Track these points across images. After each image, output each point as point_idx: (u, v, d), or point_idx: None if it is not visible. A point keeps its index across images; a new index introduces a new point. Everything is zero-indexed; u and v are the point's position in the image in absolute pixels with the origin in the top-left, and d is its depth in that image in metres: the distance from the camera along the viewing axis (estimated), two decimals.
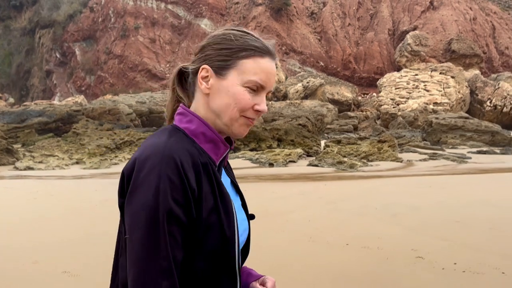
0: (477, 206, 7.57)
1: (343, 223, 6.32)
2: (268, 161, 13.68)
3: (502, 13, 53.65)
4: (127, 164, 1.09)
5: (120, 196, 1.09)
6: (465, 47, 40.21)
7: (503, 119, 25.08)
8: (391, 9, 51.21)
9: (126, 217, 1.05)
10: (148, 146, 1.09)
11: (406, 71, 30.07)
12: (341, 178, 11.56)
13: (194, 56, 1.21)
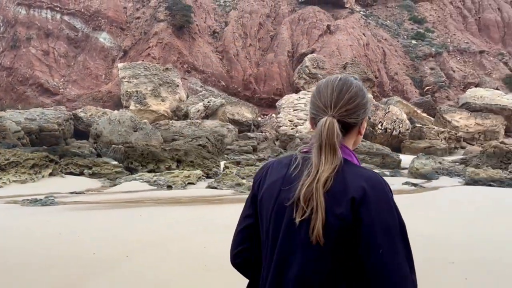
0: None
1: None
2: (166, 183, 13.51)
3: (392, 40, 57.37)
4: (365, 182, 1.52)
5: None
6: (359, 71, 42.40)
7: (393, 142, 26.62)
8: (291, 32, 52.94)
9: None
10: (372, 174, 1.57)
11: (304, 93, 31.10)
12: (239, 201, 11.64)
13: (345, 110, 1.60)
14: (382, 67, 50.23)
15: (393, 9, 67.58)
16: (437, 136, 27.06)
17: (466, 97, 34.02)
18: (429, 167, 17.77)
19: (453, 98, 46.91)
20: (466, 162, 20.23)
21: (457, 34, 63.53)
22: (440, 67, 53.96)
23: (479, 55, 59.30)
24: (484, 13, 69.76)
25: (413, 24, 64.35)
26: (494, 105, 32.07)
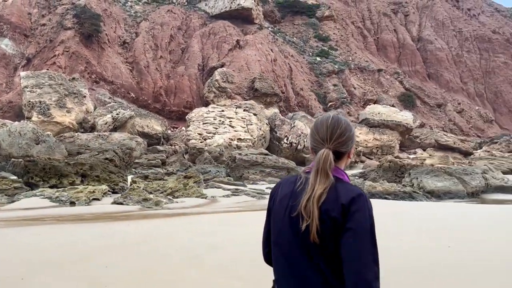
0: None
1: (144, 269, 6.21)
2: (69, 200, 12.96)
3: (298, 56, 59.08)
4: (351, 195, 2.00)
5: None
6: (267, 86, 43.24)
7: (298, 156, 27.28)
8: (201, 45, 53.00)
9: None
10: (356, 188, 2.05)
11: (214, 106, 31.21)
12: (146, 217, 11.42)
13: (340, 142, 2.08)
14: (289, 83, 51.51)
15: (299, 27, 69.60)
16: None
17: (366, 113, 35.67)
18: None
19: (354, 113, 49.01)
20: (365, 176, 21.12)
21: (358, 53, 66.58)
22: (342, 83, 56.25)
23: (377, 73, 62.54)
24: (382, 34, 73.74)
25: (318, 42, 66.61)
26: (390, 121, 33.85)
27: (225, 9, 59.43)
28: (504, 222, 11.25)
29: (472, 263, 6.38)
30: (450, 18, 79.28)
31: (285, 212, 2.09)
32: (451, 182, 17.68)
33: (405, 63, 70.78)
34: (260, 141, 27.27)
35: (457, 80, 71.13)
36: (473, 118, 63.85)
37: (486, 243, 8.07)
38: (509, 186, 18.91)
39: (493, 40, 77.14)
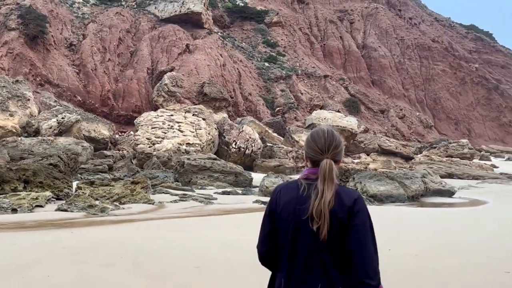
0: (216, 249, 8.04)
1: (86, 278, 6.10)
2: (11, 206, 12.53)
3: (247, 61, 59.31)
4: (353, 196, 2.43)
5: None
6: (216, 91, 43.18)
7: (246, 161, 27.37)
8: (151, 49, 52.37)
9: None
10: (353, 191, 2.51)
11: (163, 111, 30.90)
12: (91, 224, 11.19)
13: (336, 153, 2.47)
14: (237, 88, 51.62)
15: (248, 32, 69.90)
16: (286, 155, 28.36)
17: (312, 119, 36.20)
18: None
19: (300, 119, 49.64)
20: None
21: (305, 59, 67.49)
22: (290, 89, 56.86)
23: (323, 79, 63.59)
24: (328, 41, 75.07)
25: (267, 48, 67.08)
26: (335, 126, 34.44)
27: (174, 13, 58.95)
28: (441, 224, 11.69)
29: (409, 264, 6.60)
30: (393, 26, 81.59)
31: (294, 214, 2.43)
32: (393, 186, 18.12)
33: (350, 70, 72.31)
34: (209, 145, 27.21)
35: (399, 86, 73.28)
36: (414, 123, 65.92)
37: (423, 245, 8.37)
38: (446, 190, 19.59)
39: (432, 48, 79.94)
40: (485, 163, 37.73)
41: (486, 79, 79.87)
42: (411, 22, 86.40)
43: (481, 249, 8.53)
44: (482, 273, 6.80)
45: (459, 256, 7.89)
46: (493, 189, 22.88)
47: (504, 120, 75.76)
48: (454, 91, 76.45)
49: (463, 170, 29.69)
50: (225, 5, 72.49)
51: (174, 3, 59.35)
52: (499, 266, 7.18)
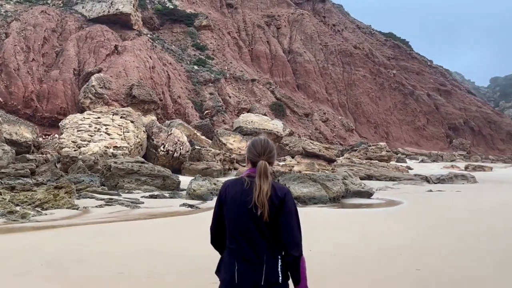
0: (140, 254, 7.94)
1: (3, 286, 5.88)
2: None
3: (176, 64, 58.73)
4: (283, 190, 3.14)
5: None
6: (144, 93, 42.45)
7: (174, 164, 27.10)
8: (78, 49, 50.68)
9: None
10: (283, 186, 3.20)
11: (89, 113, 29.95)
12: (11, 231, 10.70)
13: (270, 156, 3.15)
14: (167, 90, 51.00)
15: (178, 35, 69.28)
16: (214, 158, 28.31)
17: (239, 122, 36.42)
18: (205, 188, 18.36)
19: (228, 122, 49.79)
20: None
21: (233, 63, 67.76)
22: (218, 92, 56.89)
23: (251, 83, 64.14)
24: (256, 45, 75.77)
25: (196, 51, 66.78)
26: (262, 129, 34.89)
27: (103, 13, 57.38)
28: (359, 224, 12.12)
29: (328, 263, 6.82)
30: (317, 32, 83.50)
31: (240, 204, 3.06)
32: (316, 188, 18.50)
33: (277, 74, 73.34)
34: (137, 149, 26.69)
35: (323, 91, 75.15)
36: (337, 127, 67.83)
37: (342, 245, 8.68)
38: (365, 191, 20.20)
39: (354, 54, 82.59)
40: (401, 165, 39.39)
41: (403, 85, 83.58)
42: (335, 29, 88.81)
43: (395, 247, 8.93)
44: (395, 271, 7.15)
45: (374, 254, 8.25)
46: (408, 189, 23.73)
47: (418, 124, 79.59)
48: (373, 96, 79.40)
49: (381, 172, 30.81)
50: (154, 7, 71.45)
51: (103, 3, 57.78)
52: (411, 263, 7.58)
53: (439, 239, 9.83)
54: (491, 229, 11.38)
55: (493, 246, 9.08)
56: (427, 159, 57.36)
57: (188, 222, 12.64)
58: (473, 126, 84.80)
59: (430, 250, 8.74)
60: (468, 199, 19.14)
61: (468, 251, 8.63)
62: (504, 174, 37.95)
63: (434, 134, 79.36)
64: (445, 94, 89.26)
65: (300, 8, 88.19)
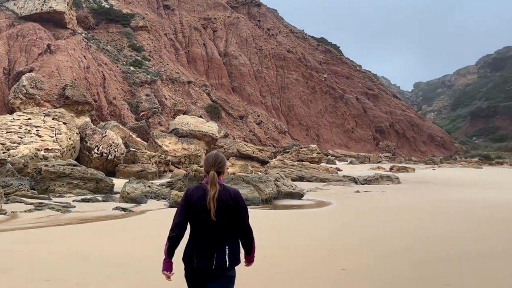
0: (69, 260, 7.67)
1: None
2: None
3: (112, 65, 57.27)
4: (234, 192, 3.92)
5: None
6: (78, 94, 41.09)
7: (108, 166, 26.42)
8: (8, 47, 48.37)
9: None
10: (234, 189, 3.95)
11: (19, 114, 28.62)
12: None
13: (220, 166, 3.86)
14: (102, 91, 49.62)
15: (114, 35, 67.63)
16: (149, 160, 27.84)
17: (175, 124, 36.00)
18: (139, 191, 18.02)
19: (164, 124, 49.17)
20: (172, 185, 21.23)
21: (170, 64, 67.01)
22: (155, 94, 56.04)
23: (187, 85, 63.68)
24: (192, 47, 75.29)
25: (132, 51, 65.51)
26: (197, 131, 34.68)
27: (35, 11, 54.98)
28: (289, 225, 12.32)
29: (258, 266, 6.86)
30: (252, 36, 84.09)
31: (201, 206, 3.75)
32: (249, 190, 18.59)
33: (213, 76, 73.21)
34: (70, 151, 25.78)
35: (257, 94, 75.78)
36: (270, 129, 68.59)
37: (272, 247, 8.79)
38: (296, 192, 20.51)
39: (287, 58, 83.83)
40: (331, 166, 40.31)
41: (333, 88, 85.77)
42: (269, 33, 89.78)
43: (324, 247, 9.15)
44: (322, 271, 7.35)
45: (304, 256, 8.41)
46: (337, 190, 24.29)
47: (347, 127, 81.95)
48: (305, 99, 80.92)
49: (312, 174, 31.40)
50: (90, 6, 69.36)
51: (35, 1, 55.40)
52: (337, 263, 7.81)
53: (365, 239, 10.14)
54: (414, 228, 11.89)
55: (416, 246, 9.48)
56: (356, 160, 59.07)
57: (121, 226, 12.40)
58: (398, 129, 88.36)
59: (356, 250, 9.00)
60: (392, 199, 19.89)
61: (392, 250, 8.96)
62: (424, 174, 39.75)
63: (362, 136, 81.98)
64: (373, 98, 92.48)
65: (236, 12, 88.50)
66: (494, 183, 30.64)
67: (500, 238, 10.57)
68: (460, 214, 14.65)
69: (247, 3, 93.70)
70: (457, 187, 27.24)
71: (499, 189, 26.27)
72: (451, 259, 8.24)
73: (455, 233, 11.08)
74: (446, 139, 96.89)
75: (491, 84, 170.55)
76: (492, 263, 8.05)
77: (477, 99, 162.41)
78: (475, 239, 10.28)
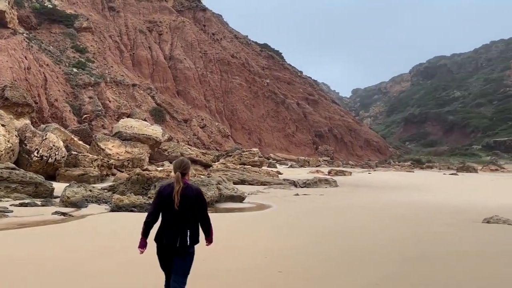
0: (3, 268, 7.32)
1: None
2: None
3: (54, 66, 55.42)
4: (196, 189, 5.00)
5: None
6: (18, 95, 39.29)
7: (48, 170, 25.58)
8: None
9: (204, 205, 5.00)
10: (196, 187, 5.03)
11: None
12: None
13: (184, 169, 4.89)
14: (43, 93, 47.93)
15: (56, 36, 65.56)
16: (91, 164, 27.13)
17: (119, 127, 35.27)
18: (80, 195, 17.53)
19: (108, 126, 48.08)
20: (114, 189, 20.74)
21: (114, 67, 65.69)
22: (98, 96, 54.73)
23: (132, 87, 62.59)
24: (137, 50, 74.15)
25: (75, 53, 63.74)
26: (141, 134, 34.13)
27: None
28: (230, 228, 12.38)
29: (198, 268, 6.87)
30: (197, 40, 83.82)
31: (170, 199, 4.71)
32: None
33: (158, 79, 72.36)
34: (8, 154, 24.74)
35: (202, 97, 75.55)
36: (214, 133, 68.55)
37: (212, 249, 8.82)
38: (238, 196, 20.55)
39: (231, 63, 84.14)
40: (272, 170, 40.76)
41: (275, 93, 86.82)
42: (214, 38, 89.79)
43: (262, 250, 9.29)
44: (260, 273, 7.48)
45: (243, 259, 8.50)
46: (277, 194, 24.47)
47: (288, 131, 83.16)
48: (248, 104, 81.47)
49: (253, 177, 31.57)
50: (32, 5, 66.88)
51: None
52: (275, 265, 7.98)
53: (302, 242, 10.37)
54: (349, 230, 12.28)
55: (352, 246, 9.80)
56: (296, 164, 59.94)
57: (60, 231, 12.07)
58: (336, 133, 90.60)
59: (294, 252, 9.20)
60: (329, 202, 20.37)
61: (329, 252, 9.22)
62: (360, 178, 40.92)
63: (302, 140, 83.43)
64: (313, 103, 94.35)
65: (181, 16, 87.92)
66: (422, 186, 32.07)
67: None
68: (382, 216, 15.24)
69: (192, 7, 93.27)
70: (389, 190, 28.30)
71: (426, 191, 27.52)
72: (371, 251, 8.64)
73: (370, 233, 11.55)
74: (381, 143, 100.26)
75: (423, 91, 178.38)
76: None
77: (410, 105, 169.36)
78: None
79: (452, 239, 11.11)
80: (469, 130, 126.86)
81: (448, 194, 25.98)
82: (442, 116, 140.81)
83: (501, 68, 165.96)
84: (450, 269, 8.04)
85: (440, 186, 32.68)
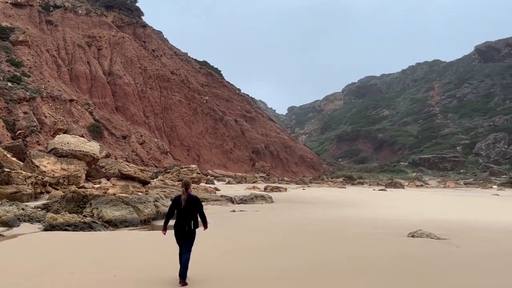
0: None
1: None
2: None
3: None
4: (194, 197, 8.28)
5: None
6: None
7: None
8: None
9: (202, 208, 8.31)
10: (194, 196, 8.33)
11: None
12: None
13: (186, 186, 8.13)
14: None
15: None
16: (25, 181, 25.99)
17: (55, 143, 34.08)
18: (12, 214, 16.85)
19: (43, 143, 46.37)
20: (48, 207, 20.00)
21: (51, 81, 63.67)
22: (33, 111, 52.73)
23: (69, 103, 60.81)
24: (76, 65, 72.25)
25: (11, 66, 61.25)
26: (78, 151, 33.15)
27: None
28: (164, 246, 12.34)
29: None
30: (137, 56, 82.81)
31: (179, 203, 7.87)
32: (127, 211, 18.19)
33: (96, 95, 70.70)
34: None
35: (141, 114, 74.52)
36: (153, 149, 67.66)
37: (146, 268, 8.76)
38: None
39: (171, 80, 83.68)
40: (209, 186, 40.66)
41: (214, 110, 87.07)
42: (154, 54, 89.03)
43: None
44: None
45: (173, 278, 8.61)
46: (215, 210, 24.42)
47: (226, 148, 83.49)
48: (187, 120, 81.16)
49: None
50: None
51: None
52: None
53: (236, 258, 10.52)
54: (283, 245, 12.57)
55: (283, 262, 10.06)
56: (233, 180, 60.19)
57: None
58: (273, 150, 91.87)
59: (226, 269, 9.33)
60: (263, 218, 20.72)
61: (263, 268, 9.43)
62: (295, 194, 41.73)
63: (239, 157, 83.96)
64: (250, 120, 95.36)
65: (121, 31, 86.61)
66: (353, 202, 33.21)
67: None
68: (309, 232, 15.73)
69: (132, 23, 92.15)
70: (322, 206, 29.10)
71: (356, 207, 28.54)
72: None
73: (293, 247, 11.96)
74: (315, 160, 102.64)
75: (354, 109, 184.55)
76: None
77: (343, 123, 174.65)
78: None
79: (378, 252, 11.70)
80: (396, 147, 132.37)
81: (376, 209, 27.10)
82: (372, 133, 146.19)
83: (426, 88, 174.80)
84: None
85: (370, 201, 33.95)
